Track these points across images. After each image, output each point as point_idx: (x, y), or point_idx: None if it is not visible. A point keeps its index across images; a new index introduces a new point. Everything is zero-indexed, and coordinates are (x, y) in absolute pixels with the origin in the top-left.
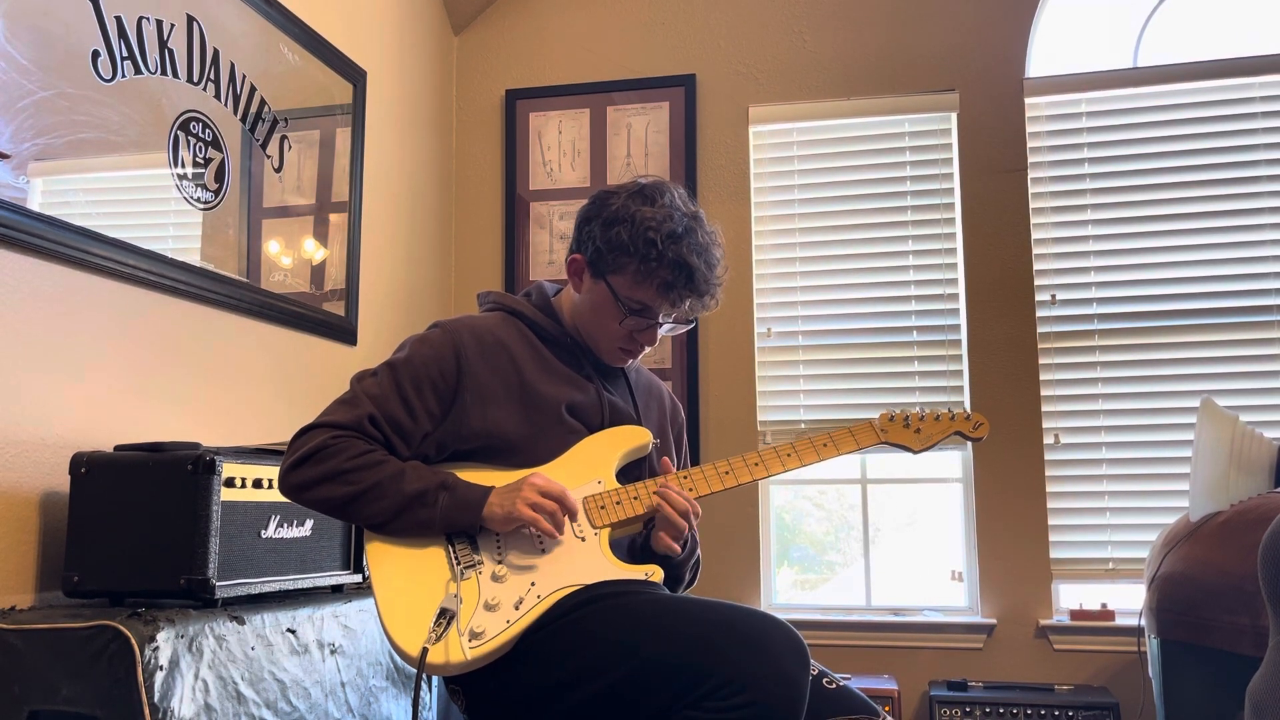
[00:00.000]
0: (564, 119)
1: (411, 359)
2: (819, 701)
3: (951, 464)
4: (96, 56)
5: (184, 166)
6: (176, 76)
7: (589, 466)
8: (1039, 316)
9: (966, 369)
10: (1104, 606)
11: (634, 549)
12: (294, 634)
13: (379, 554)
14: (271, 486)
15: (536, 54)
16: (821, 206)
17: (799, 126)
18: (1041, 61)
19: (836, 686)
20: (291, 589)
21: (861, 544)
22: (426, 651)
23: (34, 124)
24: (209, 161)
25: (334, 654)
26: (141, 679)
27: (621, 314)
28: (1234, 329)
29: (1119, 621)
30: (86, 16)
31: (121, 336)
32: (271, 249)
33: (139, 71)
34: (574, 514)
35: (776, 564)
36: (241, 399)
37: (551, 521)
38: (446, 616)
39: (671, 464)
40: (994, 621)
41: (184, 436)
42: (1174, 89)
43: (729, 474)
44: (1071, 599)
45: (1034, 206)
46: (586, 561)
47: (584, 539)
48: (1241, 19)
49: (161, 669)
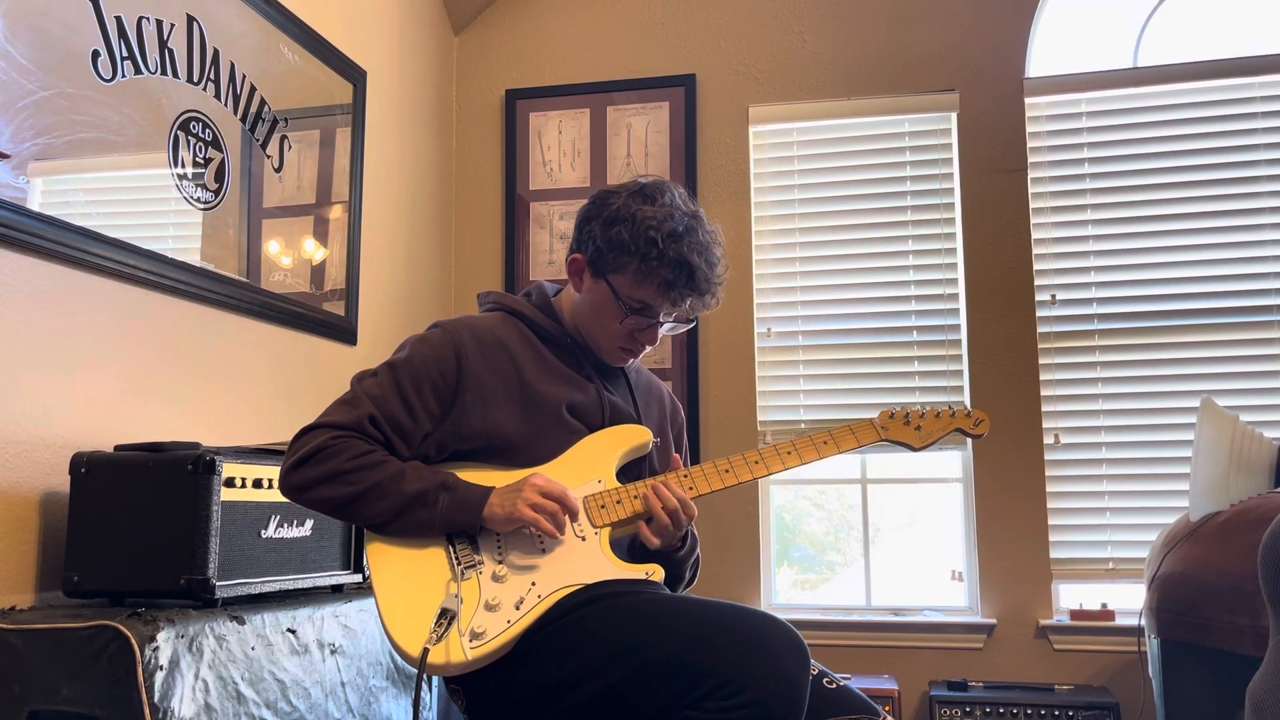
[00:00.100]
0: (564, 119)
1: (412, 359)
2: (819, 701)
3: (951, 464)
4: (96, 56)
5: (184, 166)
6: (176, 76)
7: (589, 466)
8: (1039, 316)
9: (966, 369)
10: (1104, 606)
11: (634, 548)
12: (294, 634)
13: (379, 554)
14: (271, 486)
15: (536, 54)
16: (821, 206)
17: (799, 126)
18: (1041, 61)
19: (836, 686)
20: (291, 589)
21: (861, 544)
22: (427, 651)
23: (34, 124)
24: (209, 161)
25: (334, 654)
26: (141, 679)
27: (622, 313)
28: (1234, 329)
29: (1119, 621)
30: (86, 16)
31: (121, 336)
32: (271, 249)
33: (139, 71)
34: (575, 514)
35: (776, 564)
36: (241, 399)
37: (552, 522)
38: (447, 617)
39: (681, 461)
40: (994, 621)
41: (184, 436)
42: (1174, 89)
43: (729, 472)
44: (1071, 599)
45: (1034, 206)
46: (587, 561)
47: (584, 539)
48: (1241, 19)
49: (161, 669)
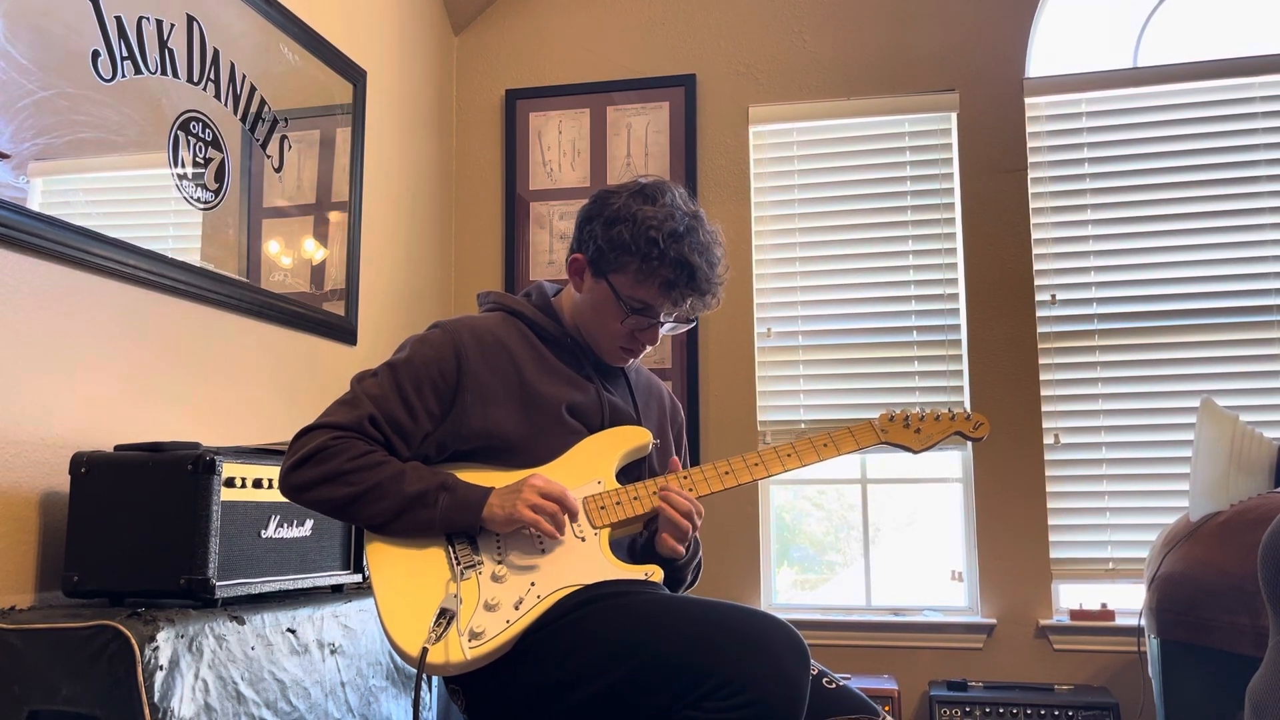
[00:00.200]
0: (564, 119)
1: (412, 359)
2: (819, 701)
3: (951, 464)
4: (96, 56)
5: (184, 166)
6: (176, 76)
7: (589, 467)
8: (1039, 316)
9: (966, 369)
10: (1104, 606)
11: (634, 549)
12: (294, 634)
13: (379, 554)
14: (271, 486)
15: (536, 54)
16: (821, 206)
17: (799, 126)
18: (1041, 61)
19: (836, 686)
20: (291, 589)
21: (861, 544)
22: (426, 651)
23: (34, 124)
24: (209, 161)
25: (334, 654)
26: (141, 679)
27: (623, 313)
28: (1234, 329)
29: (1119, 621)
30: (86, 16)
31: (121, 336)
32: (271, 249)
33: (139, 71)
34: (574, 514)
35: (776, 564)
36: (241, 399)
37: (552, 522)
38: (446, 616)
39: (680, 463)
40: (994, 621)
41: (184, 436)
42: (1174, 89)
43: (729, 474)
44: (1071, 599)
45: (1034, 206)
46: (586, 562)
47: (584, 539)
48: (1241, 19)
49: (161, 669)
